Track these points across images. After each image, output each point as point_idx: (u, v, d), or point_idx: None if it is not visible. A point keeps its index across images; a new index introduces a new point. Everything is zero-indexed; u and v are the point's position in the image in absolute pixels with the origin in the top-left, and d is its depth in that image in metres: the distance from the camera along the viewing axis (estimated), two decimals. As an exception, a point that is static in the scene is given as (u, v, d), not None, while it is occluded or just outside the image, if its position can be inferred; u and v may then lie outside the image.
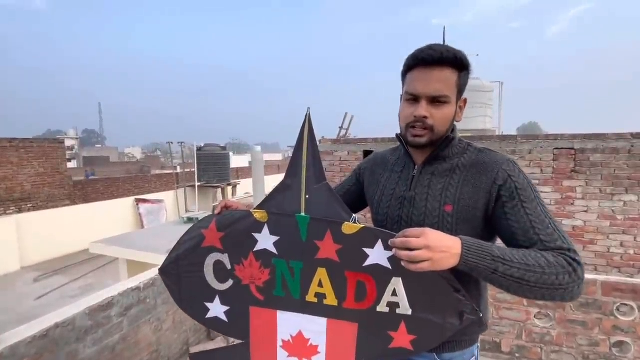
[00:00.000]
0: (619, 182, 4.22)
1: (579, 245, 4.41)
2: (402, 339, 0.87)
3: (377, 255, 0.84)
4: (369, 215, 1.10)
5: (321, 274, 0.90)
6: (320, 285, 0.91)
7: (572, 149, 4.35)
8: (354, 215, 0.89)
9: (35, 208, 9.26)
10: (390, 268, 0.83)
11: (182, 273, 1.03)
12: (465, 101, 0.91)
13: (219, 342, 2.54)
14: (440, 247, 0.70)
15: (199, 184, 13.22)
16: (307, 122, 0.89)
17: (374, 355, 0.93)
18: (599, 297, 2.14)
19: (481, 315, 0.85)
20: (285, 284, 0.94)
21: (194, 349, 2.45)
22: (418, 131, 0.86)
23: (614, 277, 2.18)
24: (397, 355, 0.91)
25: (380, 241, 0.83)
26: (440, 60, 0.82)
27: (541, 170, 4.50)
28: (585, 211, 4.35)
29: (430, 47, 0.84)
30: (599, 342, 2.17)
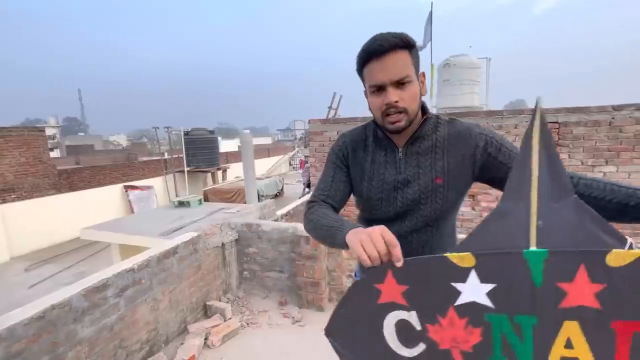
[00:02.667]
0: (599, 154, 4.36)
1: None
2: None
3: None
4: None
5: (570, 329, 0.63)
6: (569, 346, 0.64)
7: (556, 122, 4.44)
8: (628, 239, 0.62)
9: (20, 198, 9.03)
10: None
11: (355, 335, 0.81)
12: (424, 75, 0.97)
13: (216, 319, 2.61)
14: None
15: (188, 169, 13.06)
16: (538, 117, 0.65)
17: None
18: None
19: None
20: (507, 347, 0.68)
21: (192, 327, 2.51)
22: (393, 117, 0.91)
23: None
24: None
25: None
26: (390, 47, 0.87)
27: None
28: (568, 183, 4.50)
29: (376, 39, 0.89)
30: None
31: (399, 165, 0.99)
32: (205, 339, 2.40)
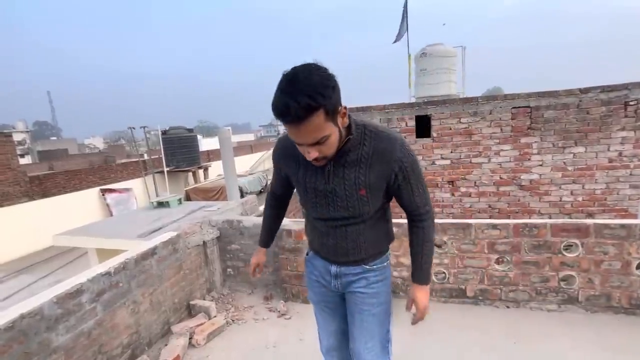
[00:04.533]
0: (569, 135, 4.53)
1: (535, 197, 4.76)
2: None
3: None
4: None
5: None
6: None
7: (528, 107, 4.58)
8: None
9: (-11, 208, 8.61)
10: None
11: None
12: (344, 108, 0.97)
13: (200, 318, 2.57)
14: (427, 299, 1.25)
15: (168, 169, 12.75)
16: None
17: None
18: (548, 238, 2.35)
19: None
20: None
21: (175, 328, 2.47)
22: (316, 162, 1.03)
23: (561, 220, 2.39)
24: None
25: None
26: (301, 117, 0.85)
27: (501, 130, 4.73)
28: (541, 165, 4.67)
29: (286, 106, 0.84)
30: (549, 278, 2.41)
31: (327, 176, 1.10)
32: (190, 338, 2.37)
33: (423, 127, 5.11)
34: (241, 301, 2.90)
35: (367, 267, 1.26)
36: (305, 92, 0.83)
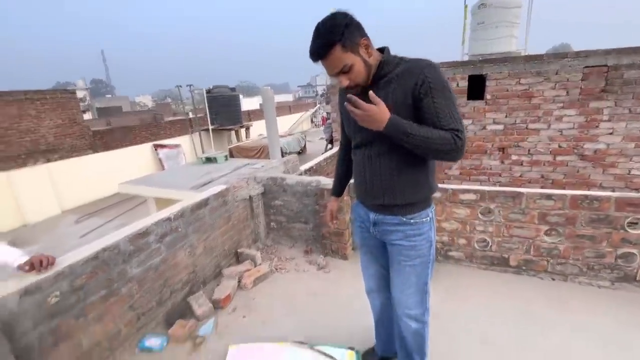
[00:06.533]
0: (651, 100, 3.95)
1: (598, 169, 4.34)
2: None
3: None
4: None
5: None
6: None
7: (605, 65, 4.01)
8: None
9: (62, 158, 9.69)
10: None
11: None
12: (366, 39, 1.14)
13: (247, 264, 2.81)
14: (373, 116, 1.10)
15: (212, 127, 13.27)
16: None
17: None
18: (611, 212, 2.18)
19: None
20: None
21: (226, 271, 2.73)
22: (350, 89, 1.21)
23: (630, 193, 2.18)
24: None
25: None
26: (322, 54, 1.11)
27: (567, 92, 4.24)
28: (610, 133, 4.18)
29: (310, 49, 1.12)
30: (605, 254, 2.27)
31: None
32: (239, 281, 2.62)
33: (476, 88, 4.72)
34: (283, 253, 3.10)
35: (404, 219, 1.28)
36: (322, 35, 1.09)
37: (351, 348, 1.80)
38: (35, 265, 1.55)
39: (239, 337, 2.05)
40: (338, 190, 1.70)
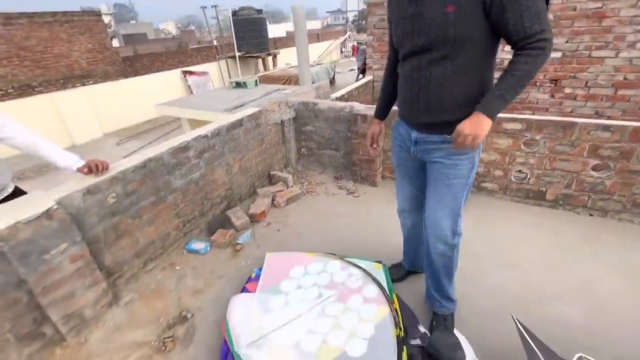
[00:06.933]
0: None
1: (666, 105, 3.86)
2: None
3: None
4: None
5: None
6: None
7: None
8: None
9: (96, 83, 9.91)
10: None
11: None
12: None
13: (279, 186, 2.93)
14: (471, 131, 1.04)
15: (239, 54, 12.80)
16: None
17: None
18: (676, 146, 1.98)
19: None
20: None
21: (260, 190, 2.87)
22: None
23: None
24: None
25: None
26: None
27: (650, 11, 3.58)
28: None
29: None
30: (657, 191, 2.13)
31: (417, 0, 1.10)
32: (272, 200, 2.76)
33: (537, 6, 4.09)
34: (314, 178, 3.17)
35: (449, 136, 1.18)
36: None
37: (379, 262, 1.91)
38: (92, 168, 1.68)
39: (274, 246, 2.23)
40: (382, 111, 1.55)
